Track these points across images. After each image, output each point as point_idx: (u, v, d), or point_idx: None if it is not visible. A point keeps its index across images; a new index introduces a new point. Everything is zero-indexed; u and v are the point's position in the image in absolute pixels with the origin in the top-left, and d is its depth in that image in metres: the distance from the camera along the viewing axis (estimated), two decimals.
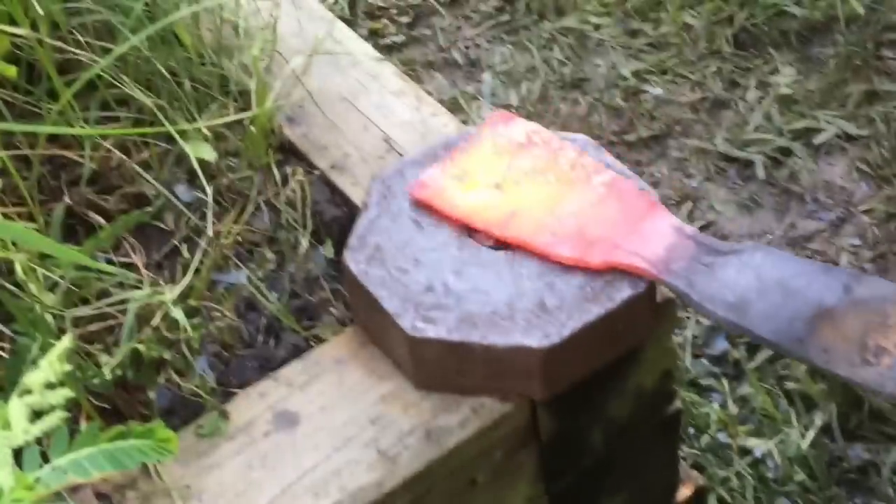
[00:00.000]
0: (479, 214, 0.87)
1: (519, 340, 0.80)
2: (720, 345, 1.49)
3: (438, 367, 0.83)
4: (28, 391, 0.70)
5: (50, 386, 0.70)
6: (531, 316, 0.81)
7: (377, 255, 0.85)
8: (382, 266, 0.85)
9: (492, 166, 0.90)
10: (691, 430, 1.40)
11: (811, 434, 1.38)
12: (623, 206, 0.86)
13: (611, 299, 0.82)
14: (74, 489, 0.76)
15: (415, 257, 0.85)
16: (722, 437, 1.40)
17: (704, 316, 0.79)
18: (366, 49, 1.10)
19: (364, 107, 1.04)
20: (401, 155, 0.99)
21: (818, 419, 1.39)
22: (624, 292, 0.82)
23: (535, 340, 0.80)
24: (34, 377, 0.70)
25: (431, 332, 0.81)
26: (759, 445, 1.38)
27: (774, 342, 0.78)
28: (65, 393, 0.70)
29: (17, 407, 0.69)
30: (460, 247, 0.86)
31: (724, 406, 1.43)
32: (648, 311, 0.86)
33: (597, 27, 1.93)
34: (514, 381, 0.82)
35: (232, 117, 0.97)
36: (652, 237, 0.84)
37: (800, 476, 1.35)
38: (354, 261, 0.85)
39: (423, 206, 0.88)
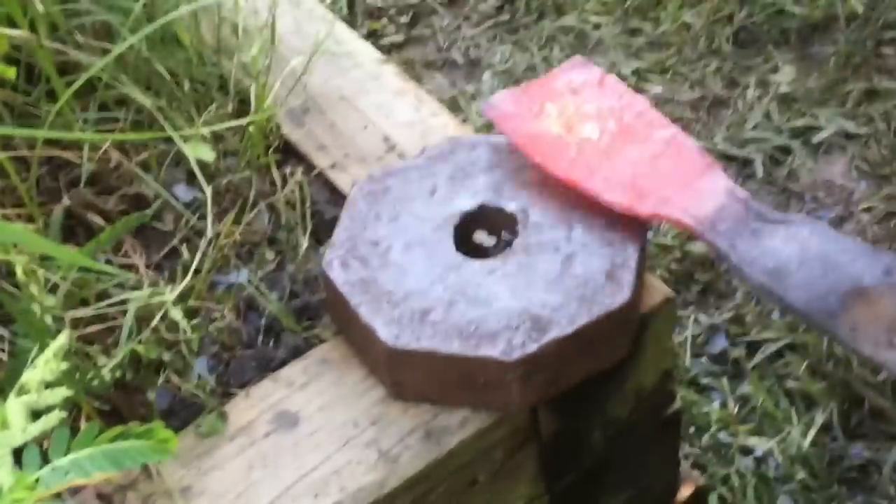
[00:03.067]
0: (538, 146, 0.88)
1: (490, 353, 0.79)
2: (720, 344, 1.49)
3: (411, 376, 0.82)
4: (26, 390, 0.70)
5: (48, 385, 0.70)
6: (510, 325, 0.80)
7: (354, 255, 0.85)
8: (362, 267, 0.84)
9: (561, 103, 0.91)
10: (692, 430, 1.40)
11: (812, 433, 1.38)
12: (679, 163, 0.87)
13: (588, 314, 0.80)
14: (75, 490, 0.76)
15: (393, 261, 0.84)
16: (722, 436, 1.40)
17: (741, 279, 0.79)
18: (366, 49, 1.10)
19: (364, 107, 1.04)
20: (400, 156, 0.99)
21: (819, 418, 1.39)
22: (599, 308, 0.81)
23: (509, 353, 0.79)
24: (31, 376, 0.70)
25: (403, 341, 0.80)
26: (759, 444, 1.38)
27: (806, 312, 0.78)
28: (63, 392, 0.70)
29: (15, 406, 0.69)
30: (444, 255, 0.85)
31: (724, 405, 1.43)
32: (627, 329, 0.84)
33: (596, 26, 1.93)
34: (488, 394, 0.82)
35: (232, 122, 0.97)
36: (703, 196, 0.84)
37: (801, 475, 1.35)
38: (330, 262, 0.85)
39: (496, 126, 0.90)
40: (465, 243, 0.87)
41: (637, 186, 0.85)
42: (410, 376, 0.82)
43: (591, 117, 0.90)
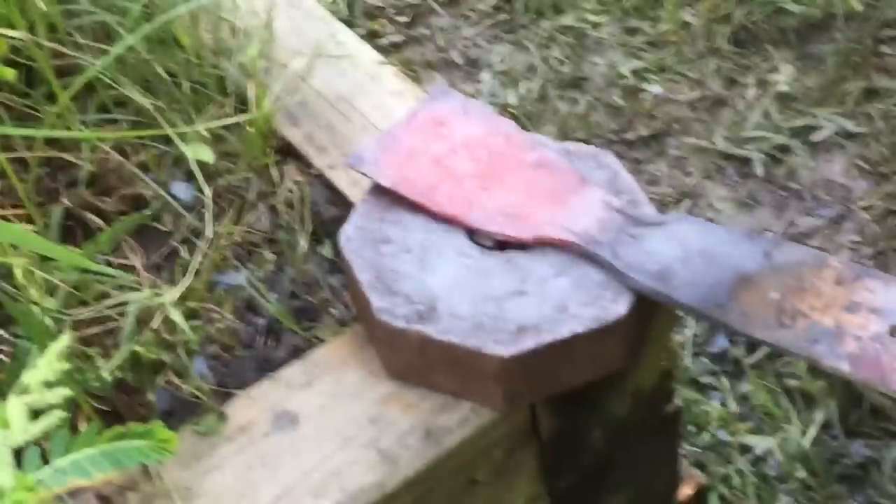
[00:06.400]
0: (414, 186, 0.87)
1: (477, 345, 0.79)
2: (720, 343, 1.49)
3: (401, 356, 0.83)
4: (26, 390, 0.70)
5: (48, 385, 0.70)
6: (501, 323, 0.80)
7: (369, 237, 0.86)
8: (373, 249, 0.85)
9: (428, 139, 0.91)
10: (692, 428, 1.40)
11: (812, 431, 1.38)
12: (553, 183, 0.87)
13: (583, 323, 0.80)
14: (75, 492, 0.76)
15: (408, 247, 0.85)
16: (722, 434, 1.40)
17: (629, 286, 0.80)
18: (365, 50, 1.10)
19: (363, 107, 1.04)
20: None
21: (819, 416, 1.39)
22: (593, 319, 0.80)
23: (494, 348, 0.79)
24: (32, 376, 0.70)
25: (396, 320, 0.81)
26: (759, 443, 1.38)
27: (696, 309, 0.79)
28: (63, 392, 0.70)
29: (15, 406, 0.69)
30: (459, 245, 0.86)
31: (724, 404, 1.43)
32: (624, 341, 0.83)
33: (595, 26, 1.93)
34: (475, 387, 0.82)
35: (230, 119, 0.97)
36: (581, 211, 0.85)
37: (801, 473, 1.35)
38: (346, 238, 0.86)
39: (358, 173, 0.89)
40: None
41: (516, 213, 0.85)
42: (400, 355, 0.83)
43: (461, 149, 0.90)
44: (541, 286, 0.82)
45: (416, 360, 0.82)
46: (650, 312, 0.86)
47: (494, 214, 0.85)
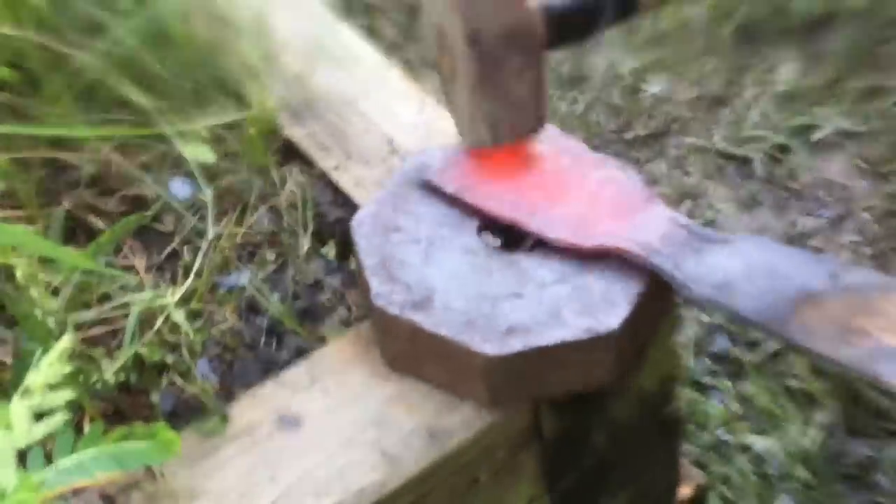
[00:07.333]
0: (477, 192, 0.88)
1: (466, 341, 0.79)
2: (721, 343, 1.49)
3: (395, 343, 0.83)
4: (30, 392, 0.70)
5: (52, 387, 0.70)
6: (492, 322, 0.80)
7: (381, 223, 0.87)
8: (383, 236, 0.86)
9: (493, 153, 0.91)
10: (693, 428, 1.40)
11: (812, 431, 1.38)
12: (620, 198, 0.87)
13: (573, 331, 0.80)
14: (79, 491, 0.76)
15: (417, 238, 0.86)
16: (723, 434, 1.40)
17: (689, 300, 0.80)
18: (368, 50, 1.10)
19: (366, 108, 1.04)
20: (403, 157, 0.99)
21: (819, 416, 1.39)
22: (589, 329, 0.80)
23: (481, 345, 0.79)
24: (35, 378, 0.70)
25: (391, 307, 0.81)
26: (760, 443, 1.39)
27: (757, 321, 0.78)
28: (66, 394, 0.70)
29: (19, 408, 0.69)
30: (466, 243, 0.86)
31: (725, 404, 1.43)
32: (616, 355, 0.83)
33: None
34: (462, 382, 0.82)
35: (230, 118, 0.97)
36: (646, 225, 0.85)
37: (801, 473, 1.35)
38: (358, 222, 0.87)
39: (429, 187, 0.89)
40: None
41: (579, 223, 0.85)
42: (394, 342, 0.83)
43: (528, 162, 0.90)
44: (538, 290, 0.83)
45: (409, 349, 0.83)
46: (650, 330, 0.86)
47: (556, 222, 0.85)
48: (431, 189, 0.90)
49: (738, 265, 0.81)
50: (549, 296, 0.82)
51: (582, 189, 0.89)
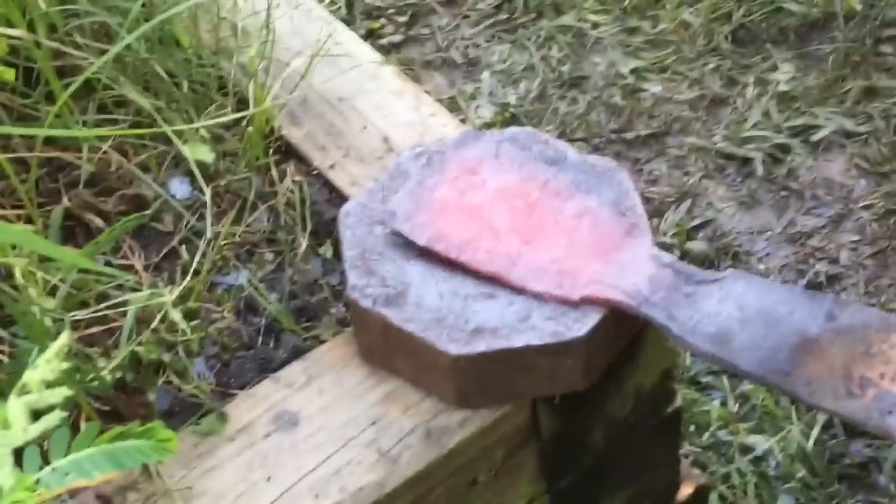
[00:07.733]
0: (451, 242, 0.85)
1: (432, 338, 0.79)
2: None
3: (367, 336, 0.84)
4: (27, 390, 0.70)
5: (48, 385, 0.70)
6: (461, 321, 0.80)
7: (367, 215, 0.87)
8: (367, 228, 0.86)
9: (460, 189, 0.88)
10: (692, 428, 1.40)
11: (812, 431, 1.38)
12: (597, 235, 0.85)
13: (539, 336, 0.80)
14: (75, 491, 0.76)
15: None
16: (723, 434, 1.40)
17: (686, 348, 0.78)
18: (365, 49, 1.10)
19: (363, 107, 1.04)
20: (399, 156, 0.99)
21: (819, 416, 1.39)
22: (556, 334, 0.80)
23: (447, 344, 0.79)
24: (32, 376, 0.70)
25: (364, 300, 0.82)
26: (760, 443, 1.38)
27: (758, 375, 0.77)
28: (63, 392, 0.70)
29: (16, 406, 0.69)
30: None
31: (724, 404, 1.43)
32: (586, 363, 0.82)
33: (595, 25, 1.93)
34: (431, 380, 0.82)
35: (230, 117, 0.97)
36: (630, 268, 0.82)
37: (801, 473, 1.35)
38: (345, 213, 0.87)
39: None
40: None
41: (560, 270, 0.83)
42: (367, 335, 0.84)
43: (497, 199, 0.87)
44: (512, 293, 0.82)
45: (380, 343, 0.83)
46: (629, 338, 0.86)
47: (538, 272, 0.83)
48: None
49: (732, 310, 0.79)
50: (522, 299, 0.82)
51: (558, 227, 0.86)
